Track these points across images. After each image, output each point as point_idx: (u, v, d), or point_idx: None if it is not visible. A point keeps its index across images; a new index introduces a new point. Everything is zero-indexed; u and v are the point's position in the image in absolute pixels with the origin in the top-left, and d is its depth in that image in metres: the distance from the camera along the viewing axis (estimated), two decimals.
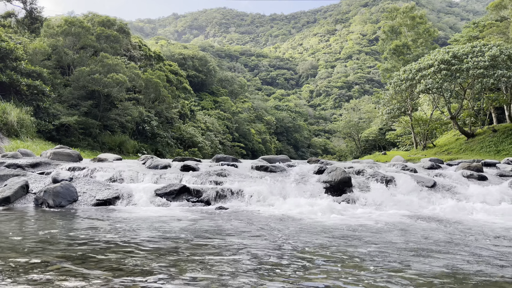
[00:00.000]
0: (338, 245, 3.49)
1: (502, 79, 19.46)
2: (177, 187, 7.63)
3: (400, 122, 30.67)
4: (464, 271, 2.61)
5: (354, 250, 3.29)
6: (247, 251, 3.08)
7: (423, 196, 7.56)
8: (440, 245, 3.54)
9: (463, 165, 10.13)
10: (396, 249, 3.17)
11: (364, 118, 60.03)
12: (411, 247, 3.37)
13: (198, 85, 66.37)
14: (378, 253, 3.16)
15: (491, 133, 22.97)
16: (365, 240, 3.71)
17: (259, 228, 4.41)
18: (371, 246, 3.41)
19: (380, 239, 3.70)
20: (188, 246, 3.31)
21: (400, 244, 3.50)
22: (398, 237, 3.84)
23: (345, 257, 2.99)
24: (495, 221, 5.47)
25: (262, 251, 3.06)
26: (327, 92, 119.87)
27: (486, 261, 2.95)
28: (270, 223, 4.93)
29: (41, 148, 19.94)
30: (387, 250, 3.28)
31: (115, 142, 28.81)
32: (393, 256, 3.06)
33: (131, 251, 3.05)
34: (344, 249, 3.33)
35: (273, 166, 9.68)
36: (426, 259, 2.91)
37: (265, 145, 68.71)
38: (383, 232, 4.15)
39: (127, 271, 2.43)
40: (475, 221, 5.47)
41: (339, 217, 5.38)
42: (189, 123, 42.70)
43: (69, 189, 7.12)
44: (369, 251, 3.21)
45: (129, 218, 5.31)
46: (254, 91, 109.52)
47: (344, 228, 4.54)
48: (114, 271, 2.39)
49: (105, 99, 27.32)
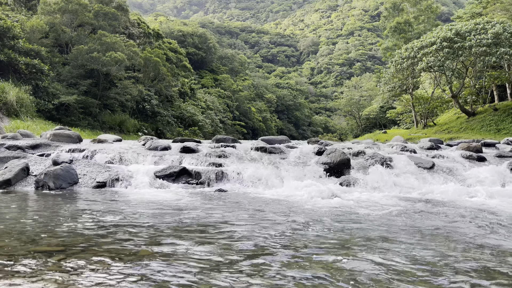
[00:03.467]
0: (333, 230, 3.55)
1: (504, 56, 19.24)
2: (176, 169, 7.67)
3: (400, 100, 30.51)
4: (449, 260, 2.66)
5: (345, 235, 3.34)
6: (238, 234, 3.13)
7: (422, 178, 7.60)
8: (432, 231, 3.59)
9: (462, 145, 10.13)
10: (381, 237, 3.23)
11: (365, 96, 59.68)
12: (399, 232, 3.42)
13: (198, 63, 65.75)
14: (364, 239, 3.21)
15: (492, 112, 22.88)
16: (357, 227, 3.76)
17: (255, 212, 4.46)
18: (359, 232, 3.47)
19: (371, 226, 3.75)
20: (185, 230, 3.36)
21: (389, 229, 3.55)
22: (389, 222, 3.90)
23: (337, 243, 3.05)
24: (492, 205, 5.52)
25: (252, 235, 3.11)
26: (328, 70, 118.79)
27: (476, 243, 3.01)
28: (265, 207, 4.99)
29: (41, 128, 19.95)
30: (374, 237, 3.34)
31: (115, 121, 28.81)
32: (377, 243, 3.11)
33: (127, 239, 3.10)
34: (338, 235, 3.39)
35: (272, 148, 9.70)
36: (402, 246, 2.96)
37: (266, 123, 68.61)
38: (374, 219, 4.21)
39: (125, 260, 2.48)
40: (472, 204, 5.52)
41: (336, 200, 5.43)
42: (189, 102, 42.52)
43: (70, 171, 7.16)
44: (357, 235, 3.27)
45: (128, 200, 5.36)
46: (255, 69, 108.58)
47: (339, 213, 4.59)
48: (113, 255, 2.44)
49: (104, 78, 27.14)
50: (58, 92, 24.47)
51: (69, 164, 7.69)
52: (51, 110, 23.59)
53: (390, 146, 10.84)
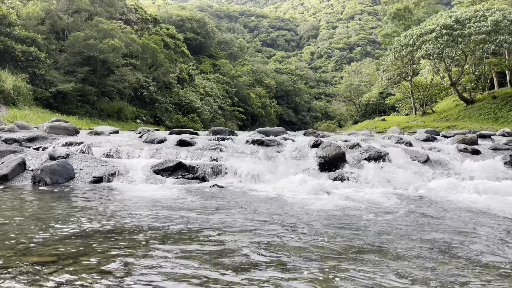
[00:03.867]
0: (319, 233, 3.62)
1: (504, 44, 19.11)
2: (172, 164, 7.72)
3: (399, 87, 30.40)
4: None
5: (328, 239, 3.41)
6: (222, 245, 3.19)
7: (416, 172, 7.66)
8: (414, 232, 3.66)
9: (458, 137, 10.18)
10: (371, 247, 3.30)
11: (365, 82, 59.36)
12: (389, 242, 3.49)
13: (197, 48, 65.20)
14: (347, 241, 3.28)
15: (490, 100, 22.83)
16: (343, 227, 3.82)
17: (246, 214, 4.54)
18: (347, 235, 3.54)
19: (361, 231, 3.82)
20: (175, 232, 3.43)
21: (379, 237, 3.63)
22: (379, 228, 3.98)
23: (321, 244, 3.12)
24: (481, 203, 5.58)
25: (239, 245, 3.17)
26: (328, 54, 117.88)
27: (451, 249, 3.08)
28: (258, 207, 5.06)
29: (38, 116, 19.94)
30: (359, 237, 3.41)
31: (113, 109, 28.76)
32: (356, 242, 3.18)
33: (120, 238, 3.16)
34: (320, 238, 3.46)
35: (269, 140, 9.74)
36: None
37: (265, 109, 68.43)
38: (365, 224, 4.28)
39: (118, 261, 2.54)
40: (460, 201, 5.58)
41: (328, 198, 5.48)
42: (188, 88, 42.32)
43: (66, 166, 7.21)
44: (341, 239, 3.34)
45: (122, 200, 5.42)
46: (254, 53, 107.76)
47: (330, 214, 4.67)
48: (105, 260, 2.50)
49: (101, 65, 26.97)
50: (55, 80, 24.36)
51: (66, 158, 7.73)
52: (49, 98, 23.52)
53: (386, 138, 10.88)
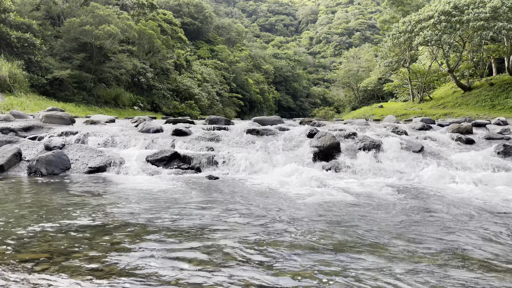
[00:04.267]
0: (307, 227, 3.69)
1: (502, 31, 19.00)
2: (168, 154, 7.75)
3: (397, 74, 30.29)
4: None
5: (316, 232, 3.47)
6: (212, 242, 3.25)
7: (409, 162, 7.72)
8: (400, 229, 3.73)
9: (453, 126, 10.21)
10: (363, 245, 3.37)
11: (364, 67, 59.03)
12: (382, 238, 3.56)
13: (194, 33, 64.52)
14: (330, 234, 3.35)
15: (487, 87, 22.80)
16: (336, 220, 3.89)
17: (239, 207, 4.61)
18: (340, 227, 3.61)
19: (352, 227, 3.90)
20: (168, 225, 3.49)
21: (370, 234, 3.70)
22: (371, 224, 4.06)
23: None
24: (472, 193, 5.66)
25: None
26: (327, 39, 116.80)
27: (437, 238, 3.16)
28: (251, 199, 5.12)
29: (35, 104, 19.86)
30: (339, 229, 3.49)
31: (110, 96, 28.60)
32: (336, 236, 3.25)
33: (110, 234, 3.22)
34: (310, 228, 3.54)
35: (264, 130, 9.77)
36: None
37: (263, 95, 68.17)
38: (357, 217, 4.37)
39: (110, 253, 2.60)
40: (451, 193, 5.65)
41: (321, 191, 5.54)
42: (185, 74, 42.04)
43: (61, 157, 7.25)
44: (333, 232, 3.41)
45: (116, 191, 5.47)
46: (252, 38, 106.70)
47: (323, 208, 4.74)
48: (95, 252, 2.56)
49: (98, 52, 26.74)
50: (51, 67, 24.17)
51: (61, 149, 7.77)
52: (45, 85, 23.38)
53: (382, 127, 10.92)
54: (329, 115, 37.78)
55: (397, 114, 22.64)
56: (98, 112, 23.45)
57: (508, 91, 21.01)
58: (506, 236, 3.48)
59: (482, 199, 5.16)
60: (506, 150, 7.97)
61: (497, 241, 3.33)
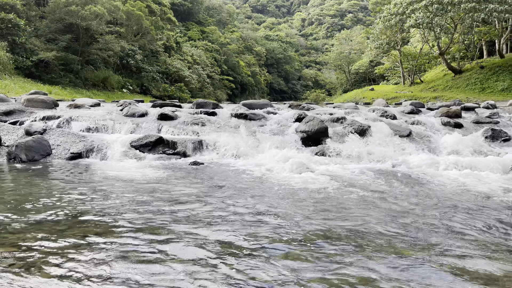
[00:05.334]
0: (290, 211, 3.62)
1: (493, 13, 18.84)
2: (153, 139, 7.59)
3: (389, 56, 30.09)
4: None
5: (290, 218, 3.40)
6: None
7: (397, 147, 7.66)
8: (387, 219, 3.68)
9: (442, 110, 10.16)
10: (339, 238, 3.30)
11: (356, 50, 58.71)
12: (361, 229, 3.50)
13: (184, 14, 63.33)
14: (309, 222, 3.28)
15: (478, 70, 22.76)
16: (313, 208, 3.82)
17: (220, 196, 4.52)
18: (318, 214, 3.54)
19: (333, 215, 3.84)
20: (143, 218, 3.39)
21: (347, 222, 3.64)
22: (350, 212, 4.00)
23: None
24: (456, 178, 5.62)
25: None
26: (320, 21, 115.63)
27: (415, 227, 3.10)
28: (234, 186, 5.04)
29: (20, 86, 19.42)
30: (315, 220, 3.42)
31: (98, 78, 28.10)
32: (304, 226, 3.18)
33: (84, 226, 3.11)
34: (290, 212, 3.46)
35: (252, 114, 9.61)
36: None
37: (255, 78, 67.60)
38: (339, 205, 4.31)
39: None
40: (436, 177, 5.61)
41: (306, 176, 5.46)
42: (175, 56, 41.37)
43: (42, 143, 7.05)
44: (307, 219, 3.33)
45: (100, 176, 5.33)
46: (244, 20, 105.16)
47: (306, 194, 4.67)
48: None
49: (84, 33, 26.09)
50: (36, 48, 23.57)
51: (42, 134, 7.56)
52: (30, 67, 22.84)
53: (371, 111, 10.83)
54: (320, 98, 37.63)
55: (387, 97, 22.58)
56: (86, 95, 23.02)
57: (498, 74, 20.99)
58: (484, 226, 3.44)
59: (466, 186, 5.12)
60: (494, 135, 7.95)
61: (479, 230, 3.28)
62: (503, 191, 4.81)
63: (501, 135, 7.92)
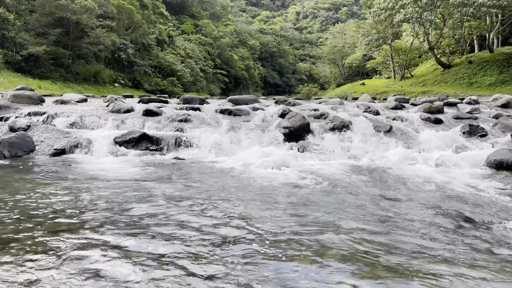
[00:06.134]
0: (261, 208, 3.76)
1: (482, 8, 19.01)
2: (136, 135, 7.69)
3: (380, 51, 30.22)
4: None
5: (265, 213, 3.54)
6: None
7: (377, 142, 7.81)
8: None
9: (424, 106, 10.32)
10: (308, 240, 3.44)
11: (349, 44, 58.76)
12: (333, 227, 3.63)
13: (178, 8, 63.04)
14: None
15: (466, 64, 22.96)
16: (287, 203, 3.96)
17: (194, 195, 4.64)
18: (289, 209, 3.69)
19: (304, 214, 3.97)
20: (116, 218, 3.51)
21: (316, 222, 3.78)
22: (322, 211, 4.13)
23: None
24: (431, 174, 5.78)
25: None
26: (314, 14, 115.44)
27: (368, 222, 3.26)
28: (211, 184, 5.16)
29: (9, 81, 19.39)
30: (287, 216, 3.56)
31: (89, 72, 28.03)
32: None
33: (59, 225, 3.23)
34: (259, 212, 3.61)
35: (237, 110, 9.72)
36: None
37: (249, 71, 67.57)
38: (313, 202, 4.44)
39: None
40: (412, 174, 5.77)
41: (284, 173, 5.60)
42: (168, 50, 41.26)
43: (25, 139, 7.13)
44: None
45: (81, 173, 5.43)
46: (238, 13, 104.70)
47: (282, 191, 4.81)
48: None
49: (75, 27, 25.98)
50: (26, 43, 23.46)
51: (26, 130, 7.64)
52: (20, 62, 22.76)
53: (355, 107, 10.97)
54: (312, 93, 37.76)
55: (377, 92, 22.75)
56: (76, 89, 23.00)
57: (485, 69, 21.20)
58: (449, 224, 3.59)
59: (439, 182, 5.27)
60: (472, 130, 8.12)
61: (441, 231, 3.44)
62: (466, 186, 4.97)
63: (478, 130, 8.09)
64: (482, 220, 3.59)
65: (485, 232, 3.28)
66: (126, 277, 2.29)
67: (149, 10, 36.77)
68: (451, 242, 3.01)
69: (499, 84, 19.57)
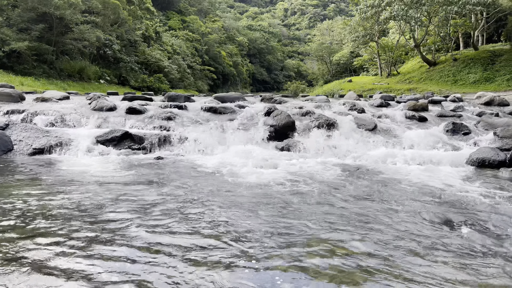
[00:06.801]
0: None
1: (466, 6, 19.19)
2: (118, 134, 7.55)
3: (367, 48, 30.34)
4: None
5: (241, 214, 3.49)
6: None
7: (362, 141, 7.81)
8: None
9: (410, 103, 10.37)
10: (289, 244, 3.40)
11: (337, 40, 58.86)
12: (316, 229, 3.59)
13: (165, 3, 62.35)
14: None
15: (451, 62, 23.19)
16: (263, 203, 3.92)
17: (175, 198, 4.57)
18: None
19: (286, 217, 3.93)
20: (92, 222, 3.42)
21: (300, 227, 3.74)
22: (304, 213, 4.10)
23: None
24: (412, 172, 5.78)
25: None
26: (302, 11, 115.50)
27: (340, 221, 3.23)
28: (191, 185, 5.09)
29: None
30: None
31: (74, 69, 27.52)
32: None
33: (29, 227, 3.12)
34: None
35: (223, 108, 9.63)
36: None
37: (237, 68, 67.26)
38: (296, 205, 4.41)
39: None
40: (394, 172, 5.77)
41: (267, 173, 5.54)
42: (155, 46, 40.79)
43: (3, 138, 6.94)
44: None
45: (60, 173, 5.30)
46: (226, 9, 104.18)
47: (263, 194, 4.77)
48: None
49: (58, 22, 25.47)
50: (8, 38, 22.91)
51: (4, 129, 7.44)
52: (2, 58, 22.24)
53: (341, 104, 10.97)
54: (300, 90, 37.77)
55: (364, 89, 22.85)
56: (60, 86, 22.57)
57: (470, 66, 21.44)
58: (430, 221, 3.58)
59: (420, 181, 5.27)
60: (455, 128, 8.17)
61: (423, 227, 3.42)
62: (447, 186, 4.99)
63: (461, 128, 8.15)
64: (461, 220, 3.58)
65: (463, 231, 3.27)
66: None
67: (135, 6, 36.30)
68: (427, 240, 2.99)
69: (483, 82, 19.80)
